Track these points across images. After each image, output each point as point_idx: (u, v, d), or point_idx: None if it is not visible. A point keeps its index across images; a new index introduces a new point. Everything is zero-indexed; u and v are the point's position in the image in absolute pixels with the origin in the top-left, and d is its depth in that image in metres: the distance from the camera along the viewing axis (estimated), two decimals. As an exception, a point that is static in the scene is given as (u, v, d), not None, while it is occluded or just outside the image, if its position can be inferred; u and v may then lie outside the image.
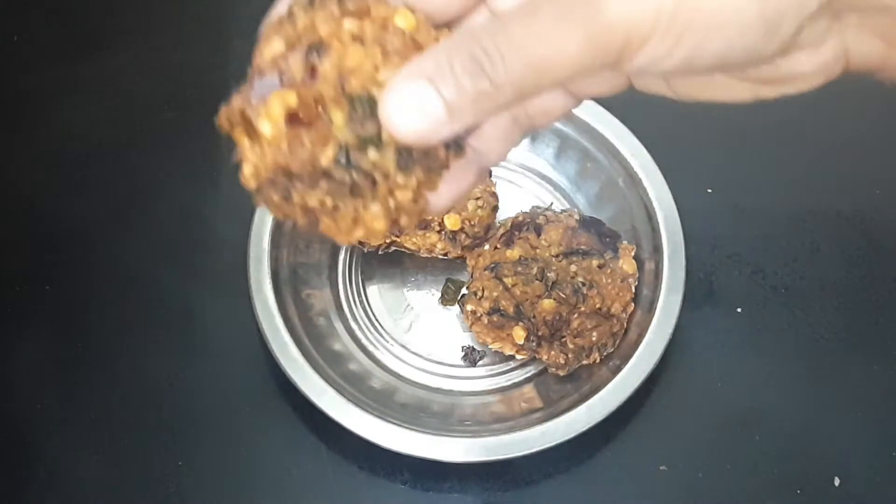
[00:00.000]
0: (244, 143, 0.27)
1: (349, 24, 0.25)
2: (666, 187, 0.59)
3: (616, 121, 0.61)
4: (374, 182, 0.26)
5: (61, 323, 0.60)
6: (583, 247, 0.57)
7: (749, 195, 0.66)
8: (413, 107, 0.24)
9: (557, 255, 0.57)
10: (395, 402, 0.55)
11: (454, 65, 0.24)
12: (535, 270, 0.56)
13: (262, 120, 0.25)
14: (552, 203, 0.63)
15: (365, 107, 0.24)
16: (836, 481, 0.55)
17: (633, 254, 0.58)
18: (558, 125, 0.63)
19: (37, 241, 0.63)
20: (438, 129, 0.24)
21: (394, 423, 0.52)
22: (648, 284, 0.57)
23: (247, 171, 0.28)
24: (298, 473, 0.56)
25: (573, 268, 0.57)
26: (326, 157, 0.25)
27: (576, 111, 0.62)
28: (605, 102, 0.61)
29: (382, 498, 0.55)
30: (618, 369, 0.53)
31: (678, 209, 0.58)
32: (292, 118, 0.25)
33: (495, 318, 0.55)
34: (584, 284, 0.56)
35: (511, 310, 0.55)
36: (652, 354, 0.54)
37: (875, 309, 0.61)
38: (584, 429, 0.52)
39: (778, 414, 0.57)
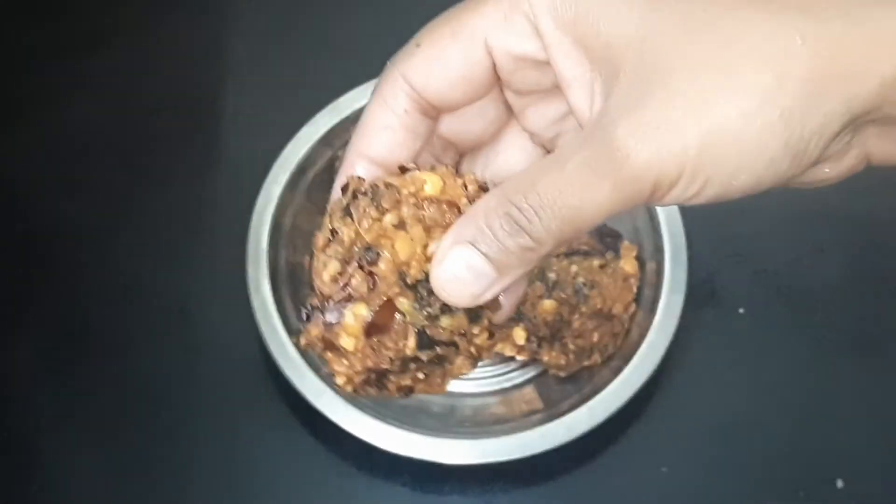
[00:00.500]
0: (331, 358, 0.29)
1: (389, 218, 0.26)
2: (667, 187, 0.58)
3: (617, 120, 0.60)
4: (455, 344, 0.28)
5: (58, 323, 0.60)
6: (584, 247, 0.57)
7: (751, 195, 0.65)
8: (462, 273, 0.25)
9: (558, 256, 0.57)
10: (394, 404, 0.55)
11: (493, 227, 0.25)
12: (535, 271, 0.56)
13: (344, 338, 0.27)
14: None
15: (427, 287, 0.26)
16: (840, 483, 0.55)
17: (634, 254, 0.58)
18: (559, 124, 0.62)
19: (33, 240, 0.62)
20: (491, 287, 0.25)
21: (393, 425, 0.51)
22: (650, 285, 0.57)
23: (340, 381, 0.29)
24: (297, 475, 0.55)
25: (574, 268, 0.56)
26: (410, 348, 0.27)
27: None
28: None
29: (382, 500, 0.55)
30: (619, 370, 0.53)
31: (680, 209, 0.58)
32: (368, 327, 0.27)
33: (495, 319, 0.55)
34: (585, 285, 0.55)
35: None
36: (654, 355, 0.53)
37: (879, 309, 0.61)
38: (585, 430, 0.51)
39: (780, 415, 0.57)
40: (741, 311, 0.61)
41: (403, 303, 0.26)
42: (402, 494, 0.55)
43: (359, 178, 0.28)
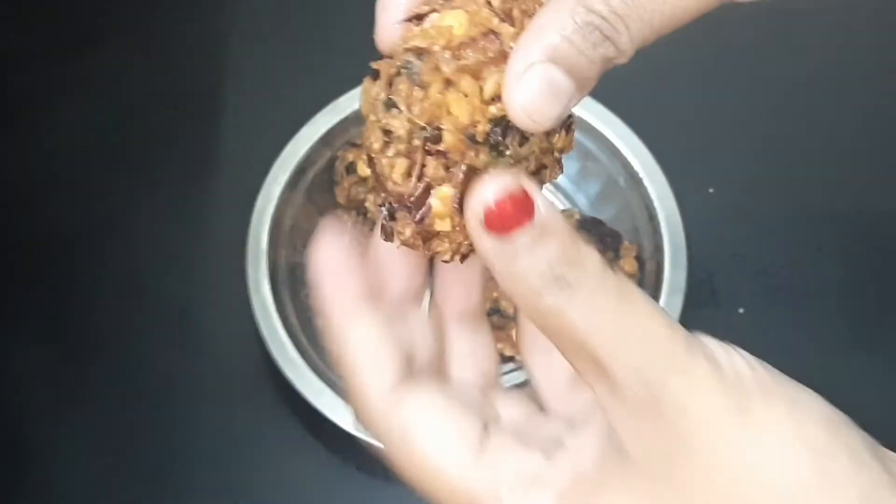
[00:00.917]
0: (433, 246, 0.26)
1: (435, 88, 0.24)
2: (667, 187, 0.58)
3: (617, 120, 0.60)
4: (542, 164, 0.26)
5: (58, 323, 0.60)
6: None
7: (751, 195, 0.65)
8: (543, 94, 0.22)
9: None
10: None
11: (574, 39, 0.22)
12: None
13: (439, 223, 0.25)
14: (552, 203, 0.63)
15: (498, 133, 0.24)
16: (840, 483, 0.55)
17: (634, 254, 0.58)
18: (559, 124, 0.62)
19: (32, 240, 0.62)
20: (570, 101, 0.23)
21: (393, 425, 0.51)
22: (650, 285, 0.57)
23: (447, 257, 0.26)
24: (296, 474, 0.55)
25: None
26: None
27: (576, 110, 0.62)
28: (607, 101, 0.61)
29: (381, 499, 0.55)
30: (619, 370, 0.53)
31: (680, 209, 0.58)
32: (459, 201, 0.24)
33: (495, 319, 0.55)
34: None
35: (511, 310, 0.55)
36: (653, 355, 0.53)
37: (878, 309, 0.61)
38: (585, 431, 0.51)
39: (780, 415, 0.57)
40: (741, 311, 0.61)
41: (483, 160, 0.24)
42: (401, 494, 0.54)
43: (385, 60, 0.25)
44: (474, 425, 0.26)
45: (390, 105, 0.25)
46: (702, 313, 0.60)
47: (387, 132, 0.25)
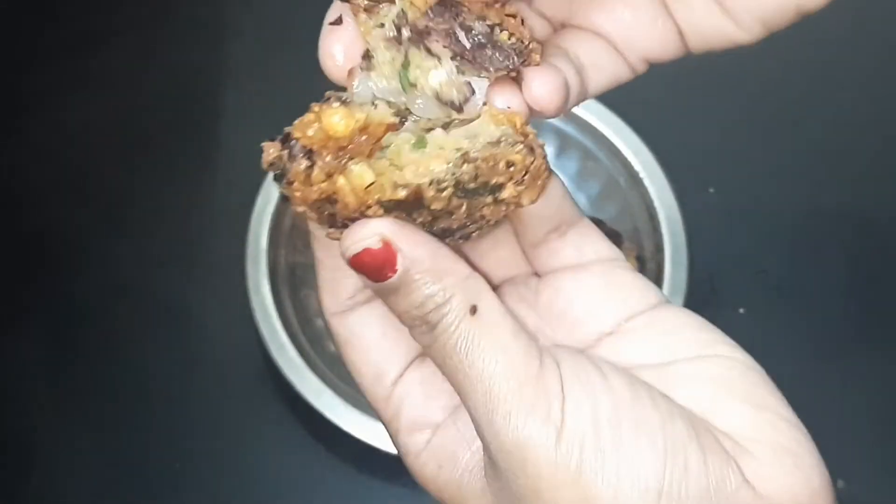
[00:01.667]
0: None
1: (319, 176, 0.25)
2: (668, 187, 0.58)
3: (617, 119, 0.60)
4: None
5: (58, 323, 0.60)
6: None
7: (752, 195, 0.65)
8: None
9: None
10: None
11: None
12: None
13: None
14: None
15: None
16: (840, 483, 0.55)
17: (634, 254, 0.58)
18: (558, 124, 0.62)
19: (31, 240, 0.62)
20: None
21: (393, 425, 0.51)
22: (650, 285, 0.57)
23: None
24: (296, 475, 0.55)
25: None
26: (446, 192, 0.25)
27: (576, 109, 0.62)
28: (607, 100, 0.61)
29: (382, 500, 0.55)
30: (619, 370, 0.53)
31: (680, 209, 0.58)
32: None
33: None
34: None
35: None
36: (654, 355, 0.53)
37: (878, 309, 0.61)
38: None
39: (781, 415, 0.57)
40: (741, 310, 0.61)
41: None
42: (402, 494, 0.55)
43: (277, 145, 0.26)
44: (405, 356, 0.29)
45: (281, 178, 0.25)
46: (702, 313, 0.59)
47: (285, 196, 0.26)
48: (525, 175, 0.25)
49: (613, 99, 0.61)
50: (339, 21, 0.27)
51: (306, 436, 0.55)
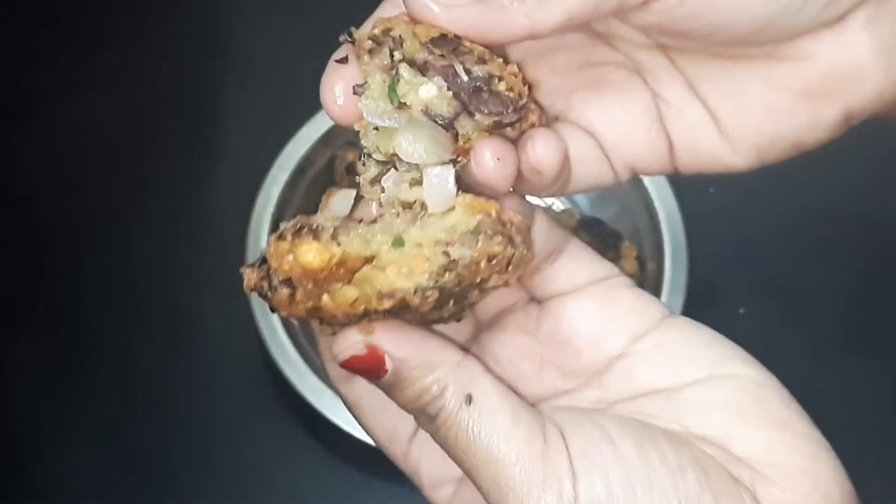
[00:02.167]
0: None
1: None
2: (668, 187, 0.58)
3: (617, 120, 0.60)
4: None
5: (58, 323, 0.60)
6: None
7: (751, 196, 0.65)
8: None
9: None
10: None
11: None
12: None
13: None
14: (553, 203, 0.63)
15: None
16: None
17: (634, 254, 0.58)
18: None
19: (32, 241, 0.62)
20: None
21: (393, 425, 0.51)
22: (650, 285, 0.57)
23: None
24: (296, 475, 0.55)
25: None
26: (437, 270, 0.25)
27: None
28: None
29: (381, 500, 0.55)
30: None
31: (680, 209, 0.58)
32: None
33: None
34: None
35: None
36: (654, 356, 0.53)
37: (878, 310, 0.61)
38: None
39: (780, 416, 0.57)
40: (741, 311, 0.61)
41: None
42: (402, 495, 0.55)
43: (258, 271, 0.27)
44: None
45: (265, 299, 0.26)
46: (702, 313, 0.59)
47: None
48: (508, 265, 0.25)
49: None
50: (344, 60, 0.27)
51: (307, 436, 0.55)
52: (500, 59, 0.25)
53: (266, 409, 0.57)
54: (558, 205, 0.63)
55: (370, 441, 0.50)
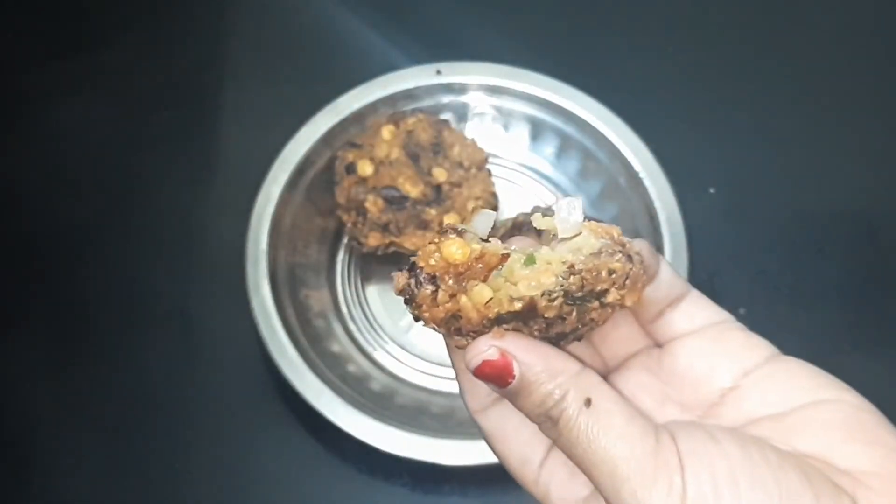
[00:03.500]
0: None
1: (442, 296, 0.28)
2: (668, 187, 0.58)
3: (618, 120, 0.60)
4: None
5: (57, 323, 0.60)
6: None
7: (752, 195, 0.65)
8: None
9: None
10: (394, 404, 0.55)
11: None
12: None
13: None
14: (553, 203, 0.63)
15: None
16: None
17: (634, 254, 0.58)
18: (559, 123, 0.62)
19: (31, 241, 0.62)
20: None
21: (392, 426, 0.51)
22: (650, 285, 0.57)
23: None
24: (296, 476, 0.55)
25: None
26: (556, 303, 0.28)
27: (576, 109, 0.62)
28: (607, 101, 0.61)
29: (381, 500, 0.55)
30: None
31: (680, 209, 0.58)
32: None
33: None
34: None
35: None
36: (654, 356, 0.53)
37: (879, 310, 0.61)
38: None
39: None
40: (742, 311, 0.61)
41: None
42: (401, 495, 0.55)
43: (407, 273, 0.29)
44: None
45: (410, 302, 0.28)
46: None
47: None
48: (626, 280, 0.28)
49: (614, 99, 0.61)
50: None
51: (306, 436, 0.55)
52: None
53: (266, 409, 0.57)
54: (558, 205, 0.63)
55: (370, 441, 0.51)
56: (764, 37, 0.72)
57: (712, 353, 0.31)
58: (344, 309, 0.60)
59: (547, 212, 0.59)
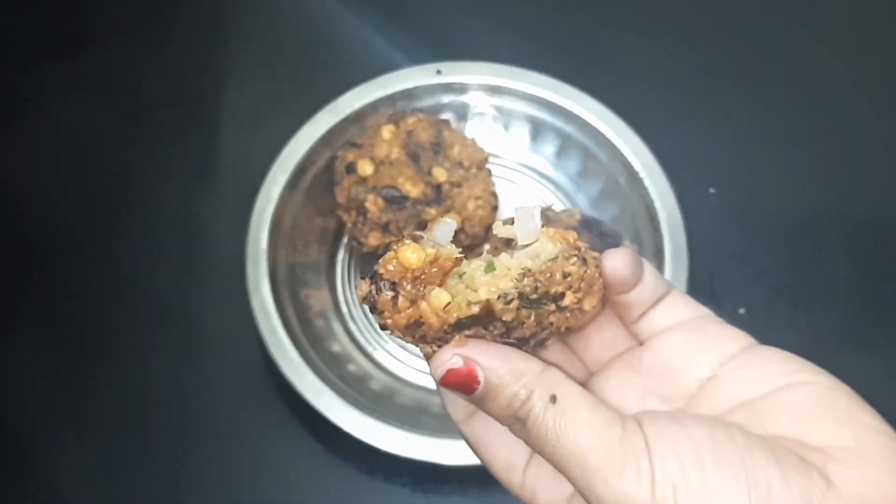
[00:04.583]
0: None
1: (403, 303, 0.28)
2: (668, 187, 0.58)
3: (618, 119, 0.60)
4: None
5: (57, 323, 0.60)
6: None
7: (752, 195, 0.65)
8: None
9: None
10: (394, 404, 0.55)
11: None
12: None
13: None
14: (553, 203, 0.63)
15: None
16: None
17: (634, 254, 0.57)
18: (559, 123, 0.62)
19: (31, 241, 0.62)
20: None
21: (392, 426, 0.51)
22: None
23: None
24: (296, 476, 0.55)
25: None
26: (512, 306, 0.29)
27: (576, 109, 0.62)
28: (607, 100, 0.61)
29: (382, 500, 0.55)
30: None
31: (680, 209, 0.58)
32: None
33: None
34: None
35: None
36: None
37: (879, 310, 0.61)
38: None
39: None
40: (742, 311, 0.61)
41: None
42: (401, 495, 0.55)
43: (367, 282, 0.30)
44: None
45: (374, 309, 0.29)
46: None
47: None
48: (581, 283, 0.29)
49: (614, 99, 0.61)
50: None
51: (306, 436, 0.55)
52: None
53: (266, 409, 0.57)
54: (558, 205, 0.63)
55: (370, 441, 0.51)
56: (764, 37, 0.72)
57: (690, 345, 0.32)
58: (344, 309, 0.60)
59: (547, 211, 0.59)
